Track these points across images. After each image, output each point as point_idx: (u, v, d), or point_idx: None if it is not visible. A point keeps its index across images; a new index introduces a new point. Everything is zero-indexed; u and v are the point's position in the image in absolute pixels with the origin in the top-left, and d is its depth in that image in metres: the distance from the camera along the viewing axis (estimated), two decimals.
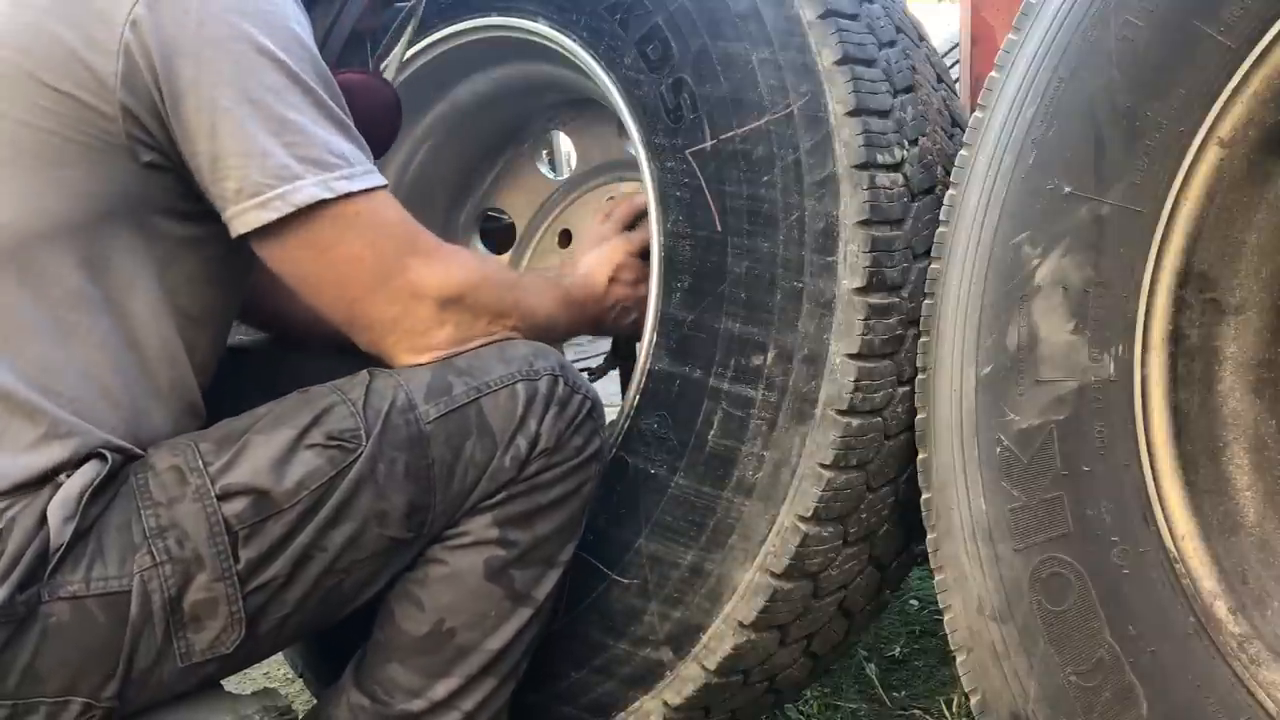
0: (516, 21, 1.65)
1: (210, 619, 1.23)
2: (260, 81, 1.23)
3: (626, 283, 1.59)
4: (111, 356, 1.27)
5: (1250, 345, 1.23)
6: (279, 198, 1.23)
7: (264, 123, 1.22)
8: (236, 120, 1.22)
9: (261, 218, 1.24)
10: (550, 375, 1.34)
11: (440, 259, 1.35)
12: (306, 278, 1.31)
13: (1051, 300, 1.25)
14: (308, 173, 1.24)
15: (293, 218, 1.24)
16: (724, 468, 1.42)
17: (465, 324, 1.35)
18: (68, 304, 1.24)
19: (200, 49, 1.21)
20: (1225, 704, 1.16)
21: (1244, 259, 1.21)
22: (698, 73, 1.45)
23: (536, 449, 1.32)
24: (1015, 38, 1.30)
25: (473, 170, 2.03)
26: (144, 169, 1.25)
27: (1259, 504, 1.23)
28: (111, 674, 1.21)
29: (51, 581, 1.18)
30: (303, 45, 1.28)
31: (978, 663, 1.31)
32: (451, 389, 1.31)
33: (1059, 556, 1.24)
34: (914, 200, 1.41)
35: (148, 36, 1.20)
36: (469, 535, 1.32)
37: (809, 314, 1.38)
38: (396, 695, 1.34)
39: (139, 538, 1.21)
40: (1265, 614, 1.19)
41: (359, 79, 1.45)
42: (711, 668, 1.44)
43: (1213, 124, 1.17)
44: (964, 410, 1.31)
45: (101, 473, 1.21)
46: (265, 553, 1.24)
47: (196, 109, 1.21)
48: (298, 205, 1.24)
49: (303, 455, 1.26)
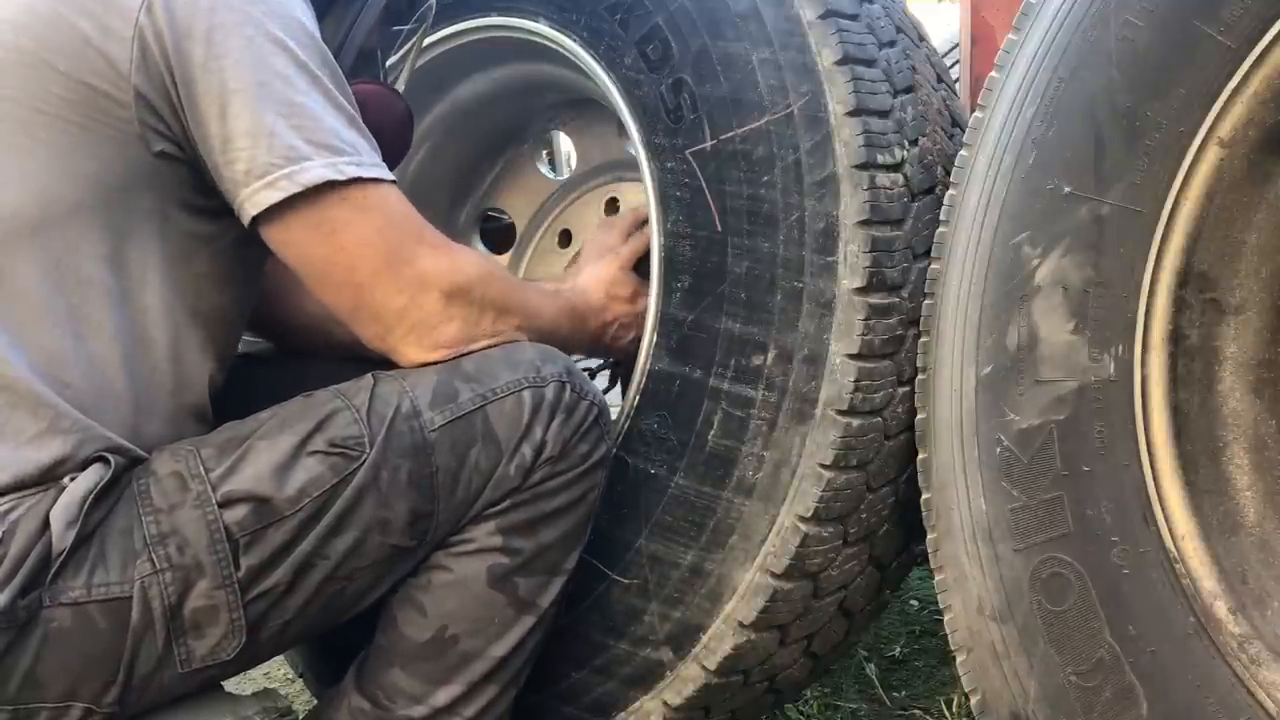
0: (516, 21, 1.65)
1: (211, 626, 1.23)
2: (270, 66, 1.24)
3: (622, 298, 1.58)
4: (121, 351, 1.27)
5: (1250, 345, 1.23)
6: (286, 177, 1.24)
7: (273, 105, 1.23)
8: (245, 101, 1.22)
9: (269, 197, 1.24)
10: (557, 381, 1.34)
11: (447, 252, 1.35)
12: (313, 263, 1.30)
13: (1051, 300, 1.25)
14: (316, 155, 1.24)
15: (300, 199, 1.24)
16: (724, 468, 1.42)
17: (471, 319, 1.34)
18: (83, 294, 1.25)
19: (211, 32, 1.22)
20: (1225, 704, 1.16)
21: (1244, 259, 1.21)
22: (698, 73, 1.45)
23: (542, 456, 1.32)
24: (1015, 38, 1.30)
25: (473, 170, 2.03)
26: (156, 158, 1.26)
27: (1259, 504, 1.23)
28: (112, 680, 1.21)
29: (53, 587, 1.17)
30: (311, 37, 1.29)
31: (978, 663, 1.31)
32: (458, 395, 1.30)
33: (1059, 556, 1.24)
34: (914, 200, 1.41)
35: (161, 21, 1.21)
36: (473, 542, 1.32)
37: (809, 314, 1.38)
38: (398, 700, 1.34)
39: (140, 544, 1.21)
40: (1265, 614, 1.19)
41: (373, 90, 1.46)
42: (711, 668, 1.44)
43: (1213, 124, 1.17)
44: (964, 410, 1.31)
45: (105, 477, 1.21)
46: (266, 560, 1.24)
47: (206, 91, 1.23)
48: (305, 185, 1.24)
49: (305, 462, 1.25)
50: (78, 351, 1.24)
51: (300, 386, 1.34)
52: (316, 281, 1.32)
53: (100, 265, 1.25)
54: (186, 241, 1.31)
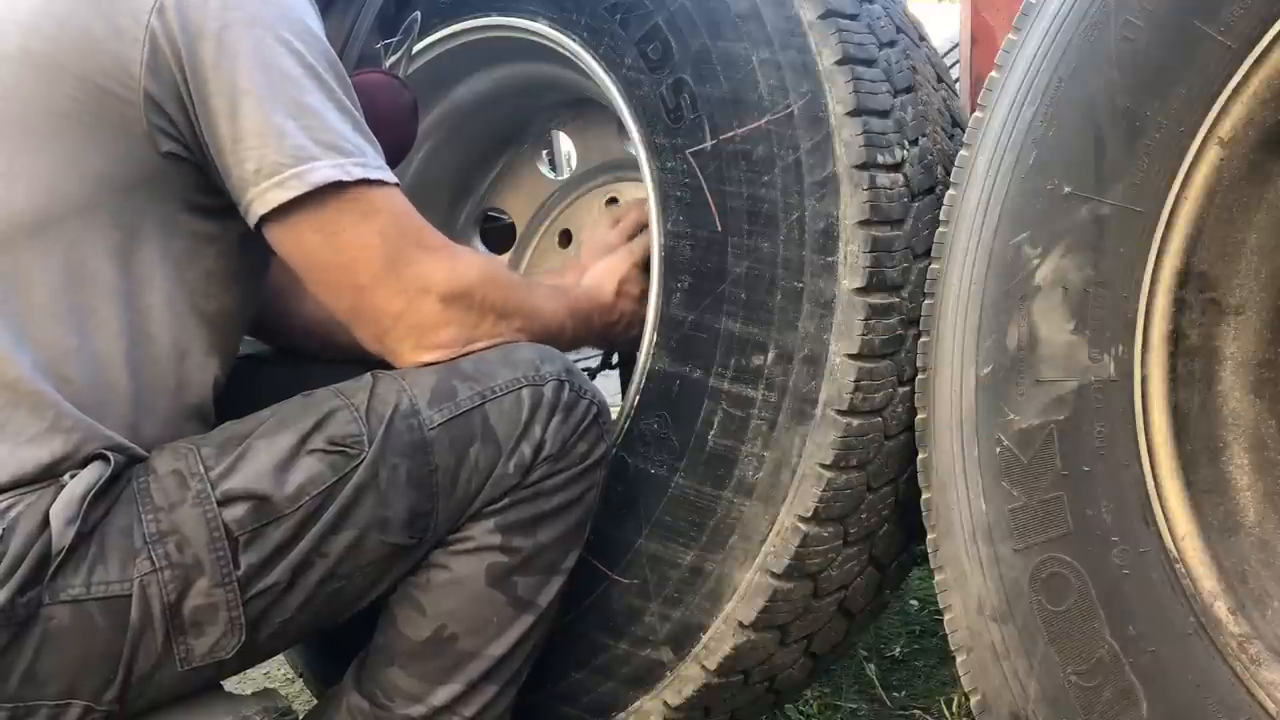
0: (516, 21, 1.65)
1: (210, 624, 1.23)
2: (280, 68, 1.25)
3: (632, 296, 1.58)
4: (124, 349, 1.28)
5: (1250, 345, 1.23)
6: (295, 177, 1.24)
7: (283, 105, 1.24)
8: (255, 101, 1.23)
9: (278, 197, 1.25)
10: (556, 380, 1.34)
11: (448, 256, 1.35)
12: (316, 264, 1.31)
13: (1051, 300, 1.25)
14: (324, 155, 1.25)
15: (307, 199, 1.25)
16: (724, 468, 1.42)
17: (470, 322, 1.34)
18: (91, 291, 1.25)
19: (222, 33, 1.23)
20: (1225, 704, 1.16)
21: (1244, 259, 1.21)
22: (698, 73, 1.45)
23: (541, 455, 1.32)
24: (1015, 38, 1.30)
25: (473, 170, 2.03)
26: (163, 159, 1.27)
27: (1259, 504, 1.23)
28: (112, 678, 1.21)
29: (53, 584, 1.18)
30: (319, 40, 1.30)
31: (978, 663, 1.31)
32: (456, 394, 1.30)
33: (1059, 556, 1.24)
34: (914, 200, 1.41)
35: (172, 22, 1.22)
36: (471, 540, 1.32)
37: (809, 314, 1.38)
38: (397, 700, 1.34)
39: (139, 542, 1.21)
40: (1265, 614, 1.19)
41: (380, 79, 1.47)
42: (712, 668, 1.44)
43: (1213, 124, 1.16)
44: (964, 410, 1.31)
45: (104, 475, 1.21)
46: (266, 559, 1.24)
47: (217, 91, 1.23)
48: (314, 185, 1.24)
49: (304, 461, 1.25)
50: (81, 349, 1.25)
51: (301, 387, 1.34)
52: (317, 282, 1.32)
53: (106, 262, 1.26)
54: (192, 241, 1.32)
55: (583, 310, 1.54)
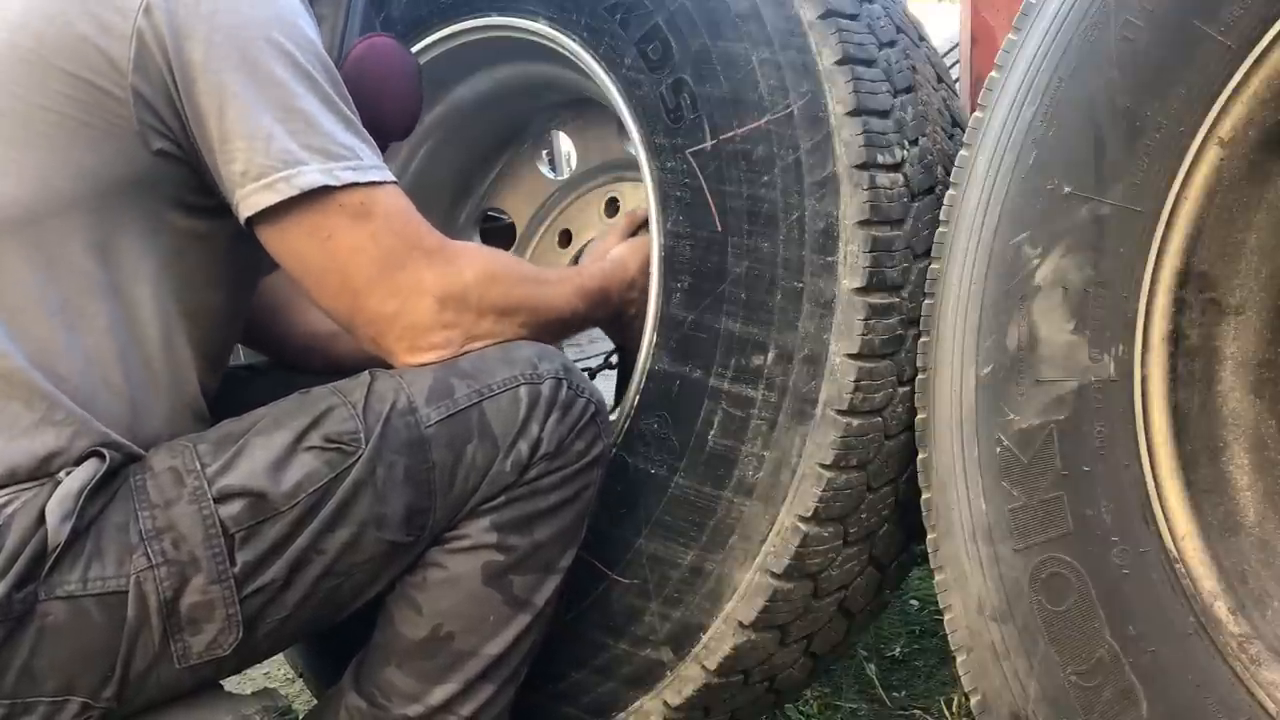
0: (516, 21, 1.65)
1: (207, 621, 1.23)
2: (269, 70, 1.24)
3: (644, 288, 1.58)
4: (116, 344, 1.27)
5: (1250, 345, 1.23)
6: (283, 180, 1.24)
7: (270, 108, 1.24)
8: (243, 103, 1.23)
9: (265, 199, 1.25)
10: (554, 379, 1.33)
11: (445, 256, 1.34)
12: (309, 269, 1.31)
13: (1051, 300, 1.25)
14: (312, 159, 1.25)
15: (296, 203, 1.25)
16: (724, 468, 1.42)
17: (467, 323, 1.34)
18: (77, 286, 1.25)
19: (211, 34, 1.23)
20: (1225, 704, 1.16)
21: (1244, 259, 1.21)
22: (698, 73, 1.45)
23: (538, 453, 1.32)
24: (1015, 38, 1.30)
25: (473, 170, 2.03)
26: (154, 156, 1.27)
27: (1259, 504, 1.23)
28: (109, 674, 1.21)
29: (49, 580, 1.18)
30: (310, 41, 1.29)
31: (978, 663, 1.31)
32: (453, 392, 1.30)
33: (1059, 556, 1.24)
34: (914, 200, 1.41)
35: (160, 21, 1.22)
36: (467, 539, 1.31)
37: (809, 314, 1.38)
38: (394, 699, 1.34)
39: (136, 539, 1.21)
40: (1265, 614, 1.19)
41: (383, 42, 1.46)
42: (712, 668, 1.44)
43: (1213, 124, 1.16)
44: (964, 410, 1.31)
45: (100, 471, 1.21)
46: (262, 556, 1.24)
47: (206, 91, 1.23)
48: (301, 189, 1.24)
49: (301, 458, 1.25)
50: (71, 344, 1.25)
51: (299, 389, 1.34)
52: (313, 287, 1.32)
53: (90, 257, 1.26)
54: (181, 239, 1.32)
55: (596, 289, 1.52)
